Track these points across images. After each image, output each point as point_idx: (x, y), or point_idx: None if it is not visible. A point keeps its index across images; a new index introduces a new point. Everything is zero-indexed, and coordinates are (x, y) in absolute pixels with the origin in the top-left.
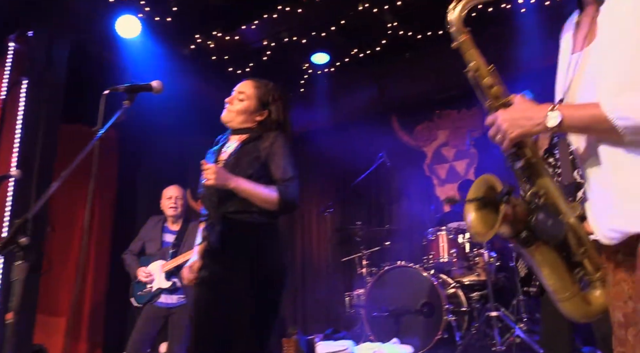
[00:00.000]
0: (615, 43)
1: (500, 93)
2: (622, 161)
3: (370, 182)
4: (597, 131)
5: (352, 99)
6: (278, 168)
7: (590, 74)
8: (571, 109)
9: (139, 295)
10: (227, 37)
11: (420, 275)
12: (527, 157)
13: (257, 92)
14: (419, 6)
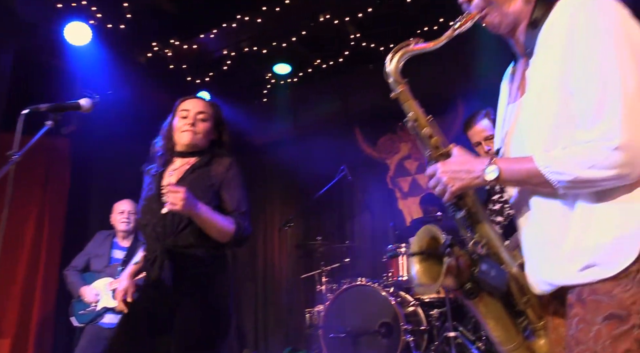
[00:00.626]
0: (542, 98)
1: (440, 143)
2: (551, 214)
3: (332, 195)
4: (533, 184)
5: (314, 109)
6: (233, 199)
7: (521, 126)
8: (508, 163)
9: (81, 314)
10: (185, 45)
11: (379, 294)
12: (467, 207)
13: (214, 111)
14: (380, 18)
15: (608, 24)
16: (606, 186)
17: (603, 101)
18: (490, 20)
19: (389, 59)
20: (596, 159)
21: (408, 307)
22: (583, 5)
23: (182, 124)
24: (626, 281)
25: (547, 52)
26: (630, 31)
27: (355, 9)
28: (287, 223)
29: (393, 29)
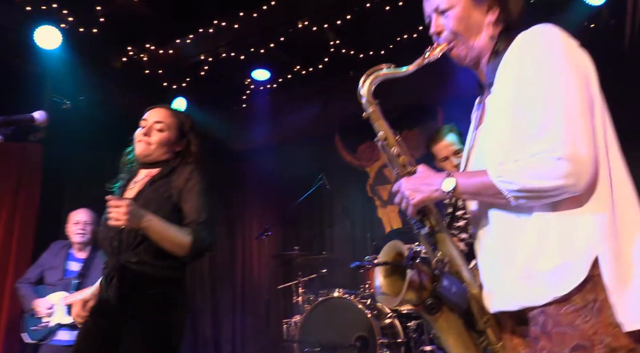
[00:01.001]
0: (497, 122)
1: (407, 162)
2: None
3: (311, 203)
4: (487, 195)
5: (294, 116)
6: (192, 209)
7: (480, 149)
8: (464, 176)
9: (33, 330)
10: (161, 50)
11: (355, 307)
12: (431, 224)
13: (176, 120)
14: (359, 26)
15: (554, 51)
16: (554, 197)
17: (548, 118)
18: (457, 52)
19: (362, 81)
20: (542, 169)
21: (385, 319)
22: (533, 36)
23: (138, 134)
24: (585, 311)
25: (504, 81)
26: (575, 58)
27: (334, 16)
28: (264, 232)
29: (373, 36)
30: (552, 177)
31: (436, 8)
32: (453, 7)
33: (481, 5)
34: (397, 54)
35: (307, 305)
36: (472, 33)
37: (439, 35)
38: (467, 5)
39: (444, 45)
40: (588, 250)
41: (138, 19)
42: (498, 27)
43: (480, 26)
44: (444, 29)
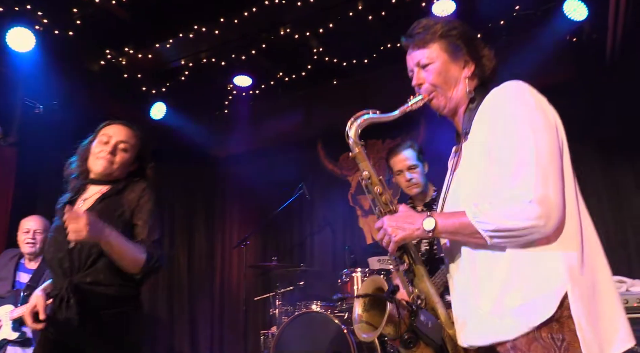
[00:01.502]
0: (471, 167)
1: (389, 200)
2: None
3: (292, 212)
4: (464, 235)
5: (276, 123)
6: (145, 227)
7: (455, 193)
8: (443, 216)
9: None
10: (140, 54)
11: (332, 322)
12: (409, 261)
13: (139, 142)
14: (343, 34)
15: (526, 104)
16: (525, 237)
17: (521, 164)
18: (436, 102)
19: (350, 123)
20: (515, 211)
21: None
22: (505, 89)
23: (99, 150)
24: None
25: (479, 130)
26: (545, 110)
27: (316, 24)
28: (243, 242)
29: (357, 45)
30: (524, 218)
31: (418, 62)
32: (433, 62)
33: (458, 61)
34: (380, 63)
35: (284, 317)
36: (450, 86)
37: (420, 86)
38: (446, 60)
39: (425, 96)
40: (557, 288)
41: (117, 22)
42: (473, 80)
43: (458, 79)
44: (425, 82)
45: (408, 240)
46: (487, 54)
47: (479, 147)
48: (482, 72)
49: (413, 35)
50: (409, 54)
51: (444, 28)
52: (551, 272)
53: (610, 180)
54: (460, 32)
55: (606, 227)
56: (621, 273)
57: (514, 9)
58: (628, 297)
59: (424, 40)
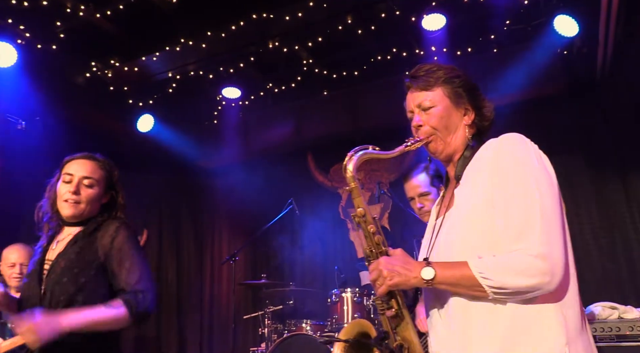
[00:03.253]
0: (469, 213)
1: (381, 241)
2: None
3: (282, 226)
4: (465, 287)
5: (266, 135)
6: (122, 273)
7: (447, 235)
8: (443, 267)
9: None
10: (125, 67)
11: (320, 347)
12: (397, 307)
13: (104, 173)
14: (332, 46)
15: (528, 157)
16: (529, 294)
17: (527, 220)
18: (434, 146)
19: (349, 157)
20: (521, 267)
21: None
22: (506, 142)
23: (64, 191)
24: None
25: (475, 176)
26: (546, 165)
27: (305, 38)
28: (232, 258)
29: (346, 57)
30: (529, 275)
31: (419, 104)
32: (435, 105)
33: (459, 108)
34: (370, 75)
35: (274, 335)
36: (450, 131)
37: (419, 128)
38: (448, 106)
39: (424, 139)
40: (560, 346)
41: (102, 35)
42: (472, 129)
43: (458, 126)
44: (425, 124)
45: (402, 286)
46: (488, 105)
47: (476, 196)
48: (480, 121)
49: (417, 77)
50: (411, 94)
51: (448, 74)
52: (552, 330)
53: (601, 194)
54: (463, 80)
55: (597, 241)
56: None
57: (505, 24)
58: (620, 325)
59: (428, 83)
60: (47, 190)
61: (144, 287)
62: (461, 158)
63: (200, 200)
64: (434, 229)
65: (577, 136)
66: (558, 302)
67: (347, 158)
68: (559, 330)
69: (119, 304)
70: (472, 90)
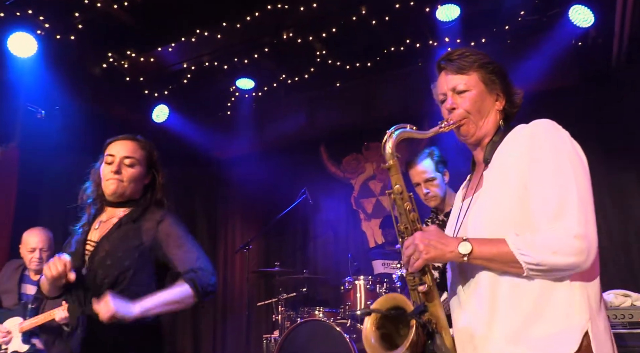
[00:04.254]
0: (500, 194)
1: (416, 219)
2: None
3: (295, 216)
4: (500, 263)
5: (279, 125)
6: (182, 259)
7: (476, 216)
8: (479, 242)
9: None
10: (142, 58)
11: (334, 330)
12: (429, 283)
13: (145, 153)
14: (346, 38)
15: (562, 142)
16: (565, 273)
17: (563, 202)
18: (466, 129)
19: (388, 135)
20: (559, 245)
21: None
22: (540, 127)
23: (107, 172)
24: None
25: (505, 159)
26: (578, 150)
27: (320, 28)
28: (245, 246)
29: (360, 48)
30: (567, 253)
31: (454, 88)
32: (470, 89)
33: (492, 94)
34: (384, 66)
35: (287, 322)
36: (482, 115)
37: (452, 111)
38: (482, 90)
39: (457, 122)
40: (581, 324)
41: (119, 26)
42: (502, 115)
43: (490, 111)
44: (458, 107)
45: (438, 261)
46: (518, 92)
47: (506, 177)
48: (510, 108)
49: (452, 60)
50: (444, 77)
51: (482, 60)
52: (575, 307)
53: (615, 185)
54: (496, 67)
55: (610, 231)
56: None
57: (519, 14)
58: (633, 312)
59: (463, 67)
60: (92, 173)
61: (203, 265)
62: (490, 142)
63: (214, 190)
64: (460, 211)
65: (592, 127)
66: (583, 281)
67: (386, 136)
68: (583, 307)
69: (182, 284)
70: (504, 77)
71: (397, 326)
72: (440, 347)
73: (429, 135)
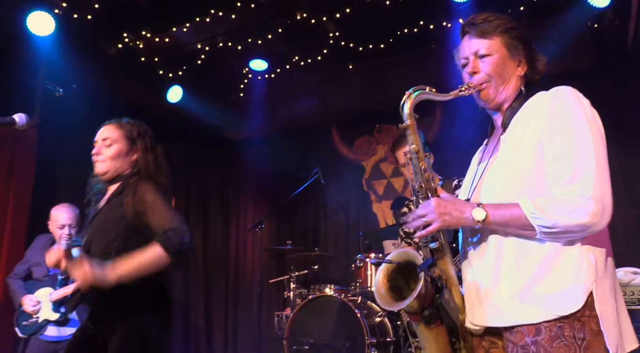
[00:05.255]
0: (516, 157)
1: (431, 178)
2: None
3: (306, 196)
4: (514, 227)
5: (292, 107)
6: (156, 222)
7: (491, 178)
8: (493, 207)
9: (24, 325)
10: (157, 38)
11: (345, 306)
12: (440, 241)
13: (122, 131)
14: (359, 19)
15: (581, 108)
16: (577, 234)
17: (579, 165)
18: (486, 93)
19: (407, 95)
20: (574, 206)
21: (375, 318)
22: (560, 93)
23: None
24: (575, 348)
25: (524, 124)
26: (596, 116)
27: (334, 8)
28: (258, 225)
29: (373, 29)
30: (581, 215)
31: (476, 52)
32: (492, 54)
33: (514, 59)
34: (396, 48)
35: (298, 299)
36: (503, 80)
37: (473, 75)
38: (504, 55)
39: (478, 86)
40: (586, 285)
41: (134, 6)
42: (523, 80)
43: (511, 76)
44: (480, 71)
45: (452, 227)
46: (541, 59)
47: (523, 140)
48: (532, 74)
49: (475, 24)
50: (467, 41)
51: (506, 24)
52: (582, 268)
53: (629, 168)
54: (520, 32)
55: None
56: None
57: None
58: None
59: (486, 32)
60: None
61: (175, 225)
62: (510, 108)
63: (227, 171)
64: (475, 174)
65: (607, 110)
66: (591, 245)
67: (405, 96)
68: (589, 269)
69: (154, 245)
70: (528, 43)
71: (408, 281)
72: (449, 301)
73: (449, 98)
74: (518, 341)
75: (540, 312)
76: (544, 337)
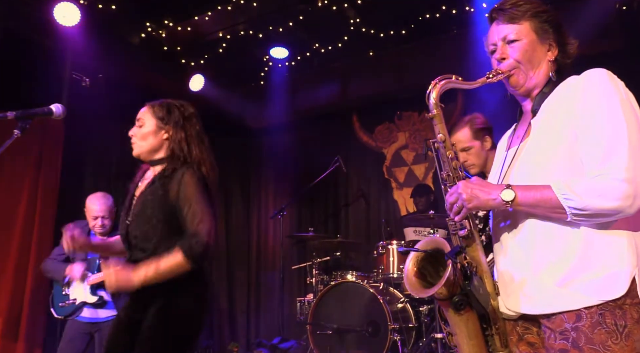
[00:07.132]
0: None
1: (458, 166)
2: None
3: (327, 184)
4: (544, 209)
5: (313, 95)
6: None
7: (522, 163)
8: (523, 188)
9: (60, 306)
10: (179, 27)
11: (367, 292)
12: (470, 229)
13: (152, 110)
14: (380, 5)
15: (616, 90)
16: (609, 217)
17: (612, 146)
18: (515, 79)
19: (433, 85)
20: (605, 188)
21: (397, 304)
22: (594, 74)
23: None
24: (616, 334)
25: (555, 108)
26: (631, 98)
27: None
28: (280, 212)
29: (393, 17)
30: (613, 197)
31: (504, 37)
32: (521, 39)
33: (544, 43)
34: (417, 35)
35: (320, 286)
36: (533, 65)
37: (502, 61)
38: (534, 40)
39: (507, 72)
40: (628, 271)
41: None
42: (554, 65)
43: (541, 61)
44: (508, 57)
45: (481, 209)
46: (572, 42)
47: (555, 124)
48: (563, 58)
49: (503, 9)
50: (495, 27)
51: (536, 8)
52: (622, 254)
53: None
54: (550, 15)
55: None
56: None
57: None
58: None
59: (515, 17)
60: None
61: (200, 229)
62: (540, 93)
63: (248, 159)
64: (505, 159)
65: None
66: (630, 229)
67: (431, 86)
68: (631, 254)
69: (176, 252)
70: (559, 26)
71: (437, 269)
72: (478, 288)
73: (476, 85)
74: (557, 327)
75: (582, 298)
76: (585, 323)
